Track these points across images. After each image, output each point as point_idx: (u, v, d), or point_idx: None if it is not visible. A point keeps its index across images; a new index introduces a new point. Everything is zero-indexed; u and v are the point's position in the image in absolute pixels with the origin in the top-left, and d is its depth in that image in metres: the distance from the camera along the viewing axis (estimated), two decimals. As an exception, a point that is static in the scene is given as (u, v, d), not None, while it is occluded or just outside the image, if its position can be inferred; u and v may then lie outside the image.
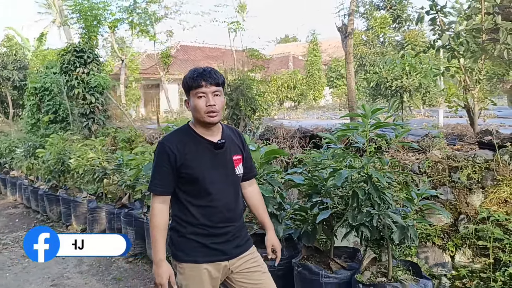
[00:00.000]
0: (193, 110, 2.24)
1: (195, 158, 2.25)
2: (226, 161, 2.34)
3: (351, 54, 5.17)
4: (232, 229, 2.35)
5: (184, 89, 2.30)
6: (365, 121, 2.71)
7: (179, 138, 2.28)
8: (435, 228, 3.86)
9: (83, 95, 9.69)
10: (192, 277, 2.28)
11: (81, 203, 6.78)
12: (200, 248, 2.28)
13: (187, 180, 2.25)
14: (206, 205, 2.27)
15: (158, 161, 2.28)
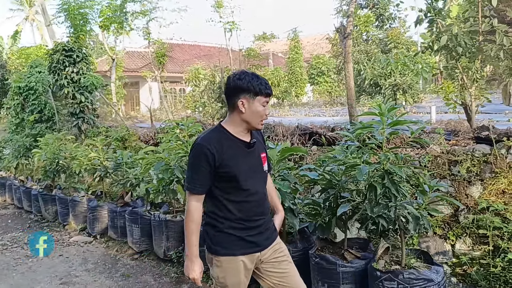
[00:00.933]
0: (253, 114, 2.35)
1: (232, 157, 2.37)
2: (256, 159, 2.50)
3: (350, 54, 5.38)
4: (263, 222, 2.51)
5: (247, 92, 2.33)
6: (383, 119, 2.90)
7: (216, 139, 2.37)
8: (436, 218, 4.09)
9: (73, 94, 9.63)
10: (230, 269, 2.42)
11: (79, 202, 6.79)
12: (237, 242, 2.41)
13: (225, 178, 2.37)
14: (242, 200, 2.41)
15: (196, 161, 2.36)
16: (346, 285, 3.28)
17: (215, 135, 2.40)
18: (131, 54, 25.15)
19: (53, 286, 4.79)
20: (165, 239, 5.04)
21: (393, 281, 2.95)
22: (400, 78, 5.78)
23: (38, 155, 7.37)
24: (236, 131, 2.41)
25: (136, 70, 21.74)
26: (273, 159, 3.59)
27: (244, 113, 2.35)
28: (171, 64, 23.28)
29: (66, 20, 10.78)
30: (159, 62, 15.20)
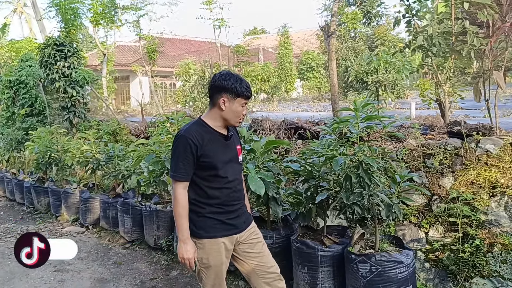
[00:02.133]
0: (231, 113, 2.61)
1: (212, 148, 2.61)
2: (232, 150, 2.77)
3: (333, 52, 5.62)
4: (240, 206, 2.80)
5: (228, 92, 2.58)
6: (357, 114, 3.15)
7: (198, 131, 2.61)
8: (411, 208, 4.35)
9: (64, 88, 9.75)
10: (212, 251, 2.67)
11: (72, 194, 6.97)
12: (218, 225, 2.67)
13: (206, 167, 2.61)
14: (222, 187, 2.66)
15: (180, 151, 2.58)
16: (325, 267, 3.54)
17: (197, 128, 2.64)
18: (122, 48, 25.14)
19: (47, 273, 4.98)
20: (155, 228, 5.26)
21: (366, 263, 3.21)
22: (382, 75, 6.05)
23: (30, 148, 7.52)
24: (215, 125, 2.66)
25: (126, 65, 21.79)
26: (258, 151, 3.83)
27: (224, 111, 2.61)
28: (161, 58, 23.35)
29: (57, 14, 10.87)
30: (150, 57, 15.36)
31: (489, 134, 4.12)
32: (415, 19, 4.51)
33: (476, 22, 4.15)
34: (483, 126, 4.20)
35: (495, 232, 3.79)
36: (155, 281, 4.60)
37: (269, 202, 3.92)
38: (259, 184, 3.28)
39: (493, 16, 4.00)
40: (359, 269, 3.24)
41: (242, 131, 4.32)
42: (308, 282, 3.58)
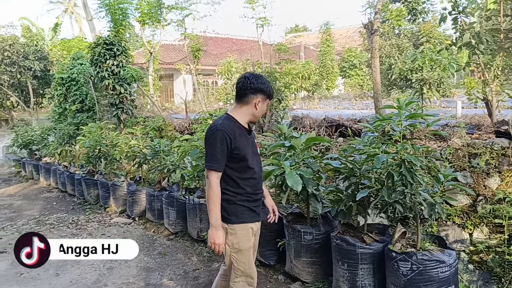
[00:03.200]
0: (259, 111, 2.91)
1: (241, 141, 2.85)
2: (254, 143, 3.02)
3: (377, 50, 5.57)
4: (261, 195, 3.08)
5: (263, 93, 2.89)
6: (401, 112, 3.15)
7: (231, 126, 2.84)
8: (455, 208, 4.29)
9: (113, 85, 10.17)
10: (242, 235, 2.89)
11: (120, 187, 7.29)
12: (247, 212, 2.90)
13: (238, 159, 2.83)
14: (250, 177, 2.90)
15: (217, 144, 2.78)
16: (365, 265, 3.56)
17: (230, 123, 2.86)
18: (166, 47, 25.79)
19: (97, 261, 5.24)
20: (198, 221, 5.44)
21: (407, 261, 3.21)
22: (427, 73, 5.93)
23: (81, 142, 7.91)
24: (242, 120, 2.92)
25: (171, 63, 22.34)
26: (298, 148, 3.89)
27: (257, 110, 2.90)
28: (204, 57, 23.77)
29: (107, 14, 11.34)
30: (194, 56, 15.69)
31: (539, 134, 4.00)
32: (462, 16, 4.41)
33: (527, 19, 4.03)
34: (532, 126, 4.08)
35: (543, 235, 3.69)
36: (198, 272, 4.77)
37: (309, 198, 3.98)
38: (296, 180, 3.35)
39: (546, 12, 3.87)
40: (400, 267, 3.24)
41: (283, 128, 4.39)
42: (348, 278, 3.62)
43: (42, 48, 21.70)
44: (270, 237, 4.57)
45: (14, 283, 4.68)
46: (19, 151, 13.50)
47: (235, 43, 31.13)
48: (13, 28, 26.34)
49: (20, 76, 20.65)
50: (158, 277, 4.71)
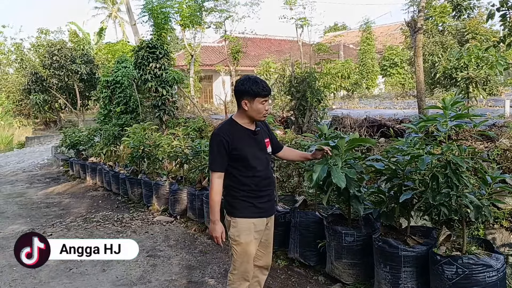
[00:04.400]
0: (254, 111, 3.02)
1: (241, 142, 3.03)
2: (261, 143, 3.16)
3: (420, 48, 5.45)
4: (270, 192, 3.19)
5: (247, 94, 3.00)
6: (446, 112, 3.08)
7: (228, 129, 3.04)
8: (503, 211, 4.13)
9: (155, 88, 10.45)
10: (243, 229, 3.06)
11: (162, 186, 7.49)
12: (249, 207, 3.07)
13: (238, 159, 3.02)
14: (253, 175, 3.06)
15: (214, 147, 3.02)
16: (408, 268, 3.51)
17: (228, 127, 3.08)
18: (206, 49, 26.18)
19: (141, 258, 5.42)
20: (239, 221, 5.50)
21: (453, 265, 3.14)
22: (473, 71, 5.73)
23: (126, 142, 8.18)
24: (243, 122, 3.09)
25: (211, 65, 22.67)
26: (342, 148, 3.86)
27: (247, 111, 3.03)
28: (243, 58, 23.98)
29: (150, 19, 11.66)
30: (234, 57, 15.85)
31: None
32: (511, 12, 4.25)
33: None
34: None
35: None
36: (238, 271, 4.82)
37: (350, 199, 3.96)
38: (340, 177, 3.35)
39: None
40: (445, 271, 3.18)
41: (323, 128, 4.37)
42: (390, 281, 3.57)
43: (88, 52, 22.53)
44: (311, 238, 4.57)
45: (65, 278, 4.90)
46: (67, 151, 14.08)
47: (274, 43, 31.17)
48: (61, 33, 27.47)
49: (67, 79, 21.52)
50: (199, 275, 4.81)
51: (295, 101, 7.55)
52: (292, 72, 8.01)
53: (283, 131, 7.18)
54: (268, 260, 3.36)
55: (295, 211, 4.75)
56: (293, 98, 7.68)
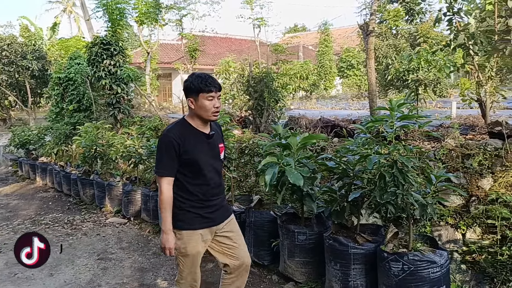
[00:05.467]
0: (200, 109, 2.77)
1: (193, 146, 2.80)
2: (214, 148, 2.95)
3: (372, 51, 5.59)
4: (219, 201, 3.00)
5: (191, 91, 2.78)
6: (392, 113, 3.16)
7: (180, 130, 2.80)
8: (448, 209, 4.30)
9: (110, 85, 10.17)
10: (190, 241, 2.88)
11: (115, 187, 7.29)
12: (196, 218, 2.88)
13: (187, 164, 2.79)
14: (202, 183, 2.87)
15: (163, 149, 2.78)
16: (357, 265, 3.57)
17: (179, 127, 2.84)
18: (165, 46, 25.78)
19: (91, 261, 5.26)
20: (193, 221, 5.43)
21: (399, 262, 3.22)
22: (422, 74, 5.95)
23: (78, 142, 7.91)
24: (195, 123, 2.85)
25: (169, 63, 22.35)
26: (294, 147, 3.89)
27: (194, 109, 2.80)
28: (203, 57, 23.78)
29: (104, 14, 11.33)
30: (191, 56, 15.69)
31: (532, 135, 4.01)
32: (457, 17, 4.42)
33: (521, 20, 4.03)
34: (525, 127, 4.09)
35: (535, 236, 3.69)
36: (192, 272, 4.76)
37: (303, 198, 3.99)
38: (297, 176, 3.34)
39: (539, 14, 3.88)
40: (391, 267, 3.26)
41: (278, 128, 4.38)
42: (340, 278, 3.63)
43: (40, 48, 21.67)
44: (265, 237, 4.58)
45: (9, 283, 4.68)
46: (16, 151, 13.49)
47: (234, 42, 31.13)
48: (11, 27, 26.41)
49: (18, 76, 20.62)
50: (152, 278, 4.71)
51: (253, 101, 7.56)
52: (250, 72, 8.02)
53: (241, 130, 7.16)
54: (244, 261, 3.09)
55: (250, 211, 4.74)
56: (251, 98, 7.68)
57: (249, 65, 7.97)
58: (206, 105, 2.77)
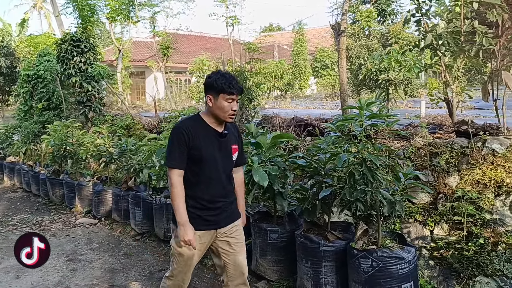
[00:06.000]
0: (218, 108, 2.72)
1: (203, 142, 2.74)
2: (226, 148, 2.86)
3: (344, 51, 5.65)
4: (223, 204, 2.86)
5: (212, 89, 2.72)
6: (361, 112, 3.20)
7: (192, 125, 2.76)
8: (416, 206, 4.38)
9: (80, 83, 9.96)
10: None
11: (85, 187, 7.15)
12: (195, 219, 2.75)
13: (195, 160, 2.72)
14: (207, 182, 2.77)
15: (175, 141, 2.72)
16: (328, 262, 3.61)
17: (192, 122, 2.80)
18: (138, 44, 25.41)
19: (60, 263, 5.13)
20: (165, 221, 5.38)
21: (368, 258, 3.27)
22: (393, 73, 6.06)
23: (46, 141, 7.71)
24: (209, 121, 2.79)
25: (141, 60, 22.06)
26: (264, 146, 3.90)
27: (212, 107, 2.74)
28: (177, 55, 23.54)
29: (75, 10, 11.07)
30: (164, 53, 15.53)
31: (496, 134, 4.13)
32: (425, 18, 4.51)
33: (486, 22, 4.14)
34: (490, 126, 4.21)
35: (499, 231, 3.80)
36: (164, 272, 4.68)
37: (275, 196, 4.00)
38: (262, 176, 3.36)
39: (503, 16, 3.99)
40: (361, 264, 3.30)
41: (250, 127, 4.39)
42: (311, 276, 3.65)
43: (8, 44, 20.98)
44: (237, 236, 4.56)
45: (-29, 287, 4.52)
46: (-18, 150, 13.04)
47: (209, 41, 30.96)
48: (-22, 23, 25.34)
49: (-15, 73, 19.96)
50: (122, 279, 4.63)
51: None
52: (224, 70, 7.97)
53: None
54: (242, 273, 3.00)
55: (221, 210, 4.72)
56: (223, 97, 7.62)
57: (223, 63, 7.93)
58: (225, 106, 2.72)
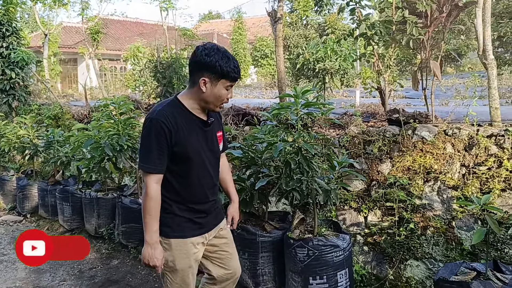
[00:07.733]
0: (213, 96, 2.23)
1: (188, 135, 2.26)
2: (212, 138, 2.43)
3: (280, 38, 5.61)
4: (212, 204, 2.51)
5: (210, 70, 2.18)
6: (297, 101, 3.16)
7: (172, 114, 2.22)
8: (351, 193, 4.46)
9: (2, 70, 9.22)
10: (179, 252, 2.34)
11: (8, 181, 6.66)
12: (186, 223, 2.35)
13: (178, 158, 2.26)
14: (194, 183, 2.34)
15: (153, 137, 2.19)
16: (265, 253, 3.57)
17: (171, 110, 2.25)
18: (69, 29, 24.04)
19: (-21, 265, 4.73)
20: (96, 216, 5.10)
21: (304, 247, 3.26)
22: (329, 63, 6.13)
23: (-36, 133, 7.04)
24: (192, 107, 2.29)
25: (72, 46, 20.88)
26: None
27: (204, 93, 2.22)
28: (111, 41, 22.56)
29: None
30: (94, 39, 14.77)
31: (425, 122, 4.27)
32: (359, 7, 4.56)
33: (416, 12, 4.26)
34: (419, 114, 4.34)
35: (428, 216, 3.95)
36: (95, 271, 4.47)
37: (211, 188, 3.88)
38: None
39: (431, 7, 4.11)
40: (297, 253, 3.29)
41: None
42: (249, 267, 3.60)
43: None
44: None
45: None
46: None
47: (146, 27, 29.92)
48: None
49: None
50: (49, 279, 4.35)
51: (162, 87, 7.28)
52: (158, 57, 7.69)
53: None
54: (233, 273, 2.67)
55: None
56: (159, 84, 7.38)
57: (157, 50, 7.65)
58: (222, 94, 2.23)
